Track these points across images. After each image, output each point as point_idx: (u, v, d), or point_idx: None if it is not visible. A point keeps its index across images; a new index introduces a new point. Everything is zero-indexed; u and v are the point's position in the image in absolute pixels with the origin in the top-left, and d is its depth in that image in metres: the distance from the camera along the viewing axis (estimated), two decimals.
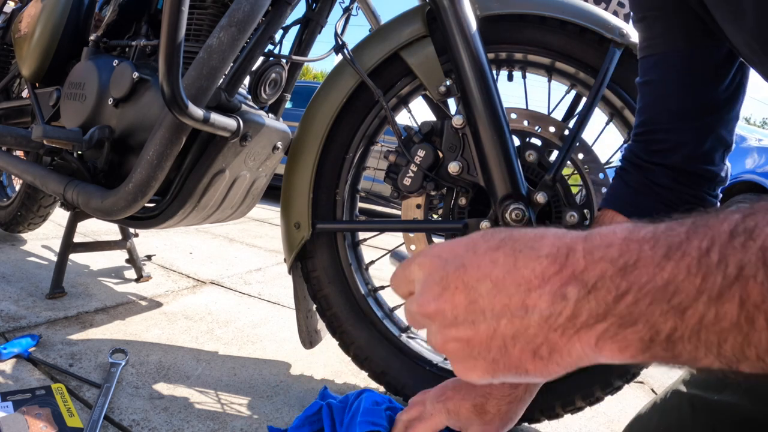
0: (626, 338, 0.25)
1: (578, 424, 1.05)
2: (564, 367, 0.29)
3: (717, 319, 0.22)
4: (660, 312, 0.23)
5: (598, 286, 0.25)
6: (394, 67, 0.94)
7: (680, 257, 0.23)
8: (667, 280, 0.23)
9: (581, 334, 0.26)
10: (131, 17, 1.17)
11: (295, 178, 0.97)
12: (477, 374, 0.31)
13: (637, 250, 0.25)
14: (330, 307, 0.98)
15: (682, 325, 0.23)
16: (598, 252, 0.26)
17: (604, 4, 0.96)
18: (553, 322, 0.27)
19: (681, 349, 0.24)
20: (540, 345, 0.28)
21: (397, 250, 0.93)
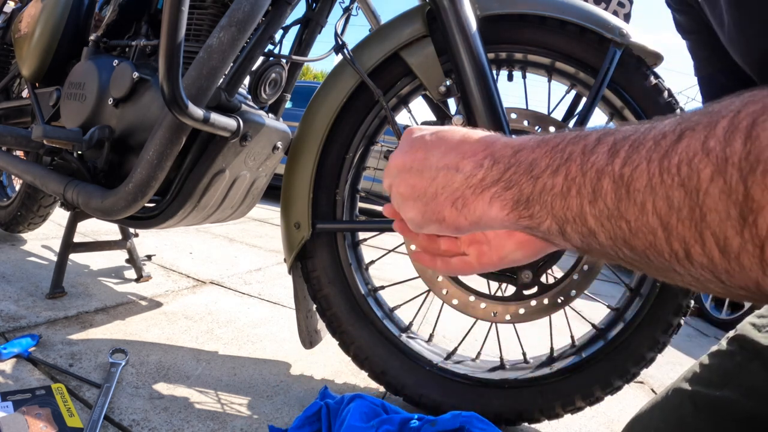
0: (505, 198, 0.34)
1: (578, 424, 1.05)
2: (468, 221, 0.37)
3: (552, 186, 0.31)
4: (525, 180, 0.33)
5: (499, 161, 0.36)
6: (394, 67, 0.94)
7: (544, 146, 0.33)
8: (533, 159, 0.33)
9: (483, 194, 0.36)
10: (131, 17, 1.17)
11: (295, 178, 0.97)
12: (413, 213, 0.41)
13: (527, 142, 0.35)
14: (330, 307, 0.98)
15: (534, 190, 0.32)
16: (508, 143, 0.37)
17: (604, 4, 0.96)
18: (470, 181, 0.37)
19: (533, 209, 0.33)
20: (458, 198, 0.38)
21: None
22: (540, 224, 0.33)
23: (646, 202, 0.26)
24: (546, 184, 0.32)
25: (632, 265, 0.30)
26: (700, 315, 2.77)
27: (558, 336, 1.01)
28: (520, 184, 0.33)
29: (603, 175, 0.28)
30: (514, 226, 0.35)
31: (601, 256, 0.31)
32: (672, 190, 0.24)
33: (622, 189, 0.27)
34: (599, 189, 0.28)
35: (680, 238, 0.25)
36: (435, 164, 0.39)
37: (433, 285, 0.95)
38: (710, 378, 0.57)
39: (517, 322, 0.94)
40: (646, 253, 0.27)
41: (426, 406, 0.95)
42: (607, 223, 0.28)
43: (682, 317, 0.91)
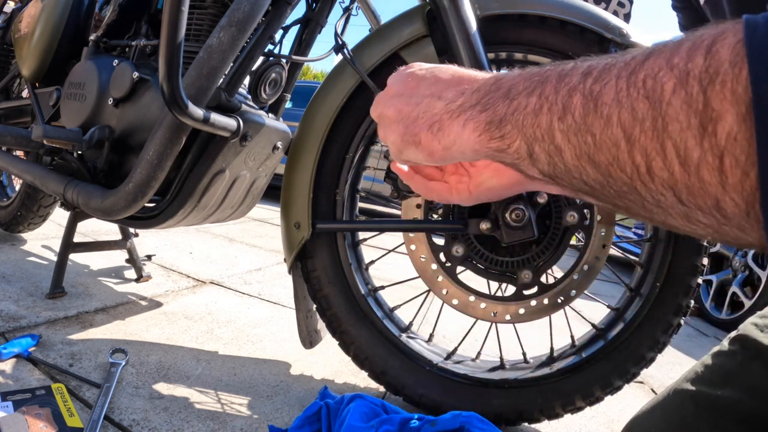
0: (479, 119, 0.36)
1: (578, 424, 1.05)
2: (442, 145, 0.39)
3: (526, 105, 0.32)
4: (501, 103, 0.35)
5: (480, 89, 0.37)
6: (394, 66, 0.92)
7: (525, 74, 0.35)
8: (511, 84, 0.35)
9: (459, 117, 0.37)
10: (131, 17, 1.17)
11: (295, 178, 0.97)
12: (394, 136, 0.43)
13: (509, 73, 0.37)
14: (330, 307, 0.98)
15: (508, 110, 0.34)
16: (494, 76, 0.38)
17: (604, 3, 0.96)
18: (450, 106, 0.39)
19: (504, 129, 0.34)
20: (435, 122, 0.39)
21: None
22: (510, 145, 0.34)
23: (612, 115, 0.27)
24: (520, 103, 0.33)
25: (593, 192, 0.31)
26: (700, 315, 2.77)
27: (558, 336, 1.01)
28: (495, 106, 0.35)
29: (574, 92, 0.29)
30: (485, 150, 0.36)
31: (565, 181, 0.32)
32: (637, 101, 0.26)
33: (591, 103, 0.28)
34: (569, 104, 0.29)
35: (642, 150, 0.26)
36: (422, 92, 0.42)
37: (433, 285, 0.95)
38: (711, 378, 0.57)
39: (517, 322, 0.94)
40: (608, 170, 0.28)
41: (426, 406, 0.95)
42: (573, 138, 0.29)
43: (682, 317, 0.91)
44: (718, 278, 2.75)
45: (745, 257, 2.61)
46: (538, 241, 0.91)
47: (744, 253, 2.64)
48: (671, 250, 0.91)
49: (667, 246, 0.91)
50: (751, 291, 2.52)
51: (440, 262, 0.94)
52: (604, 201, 0.31)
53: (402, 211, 0.96)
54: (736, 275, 2.64)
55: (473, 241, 0.92)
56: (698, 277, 0.90)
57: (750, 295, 2.49)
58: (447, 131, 0.38)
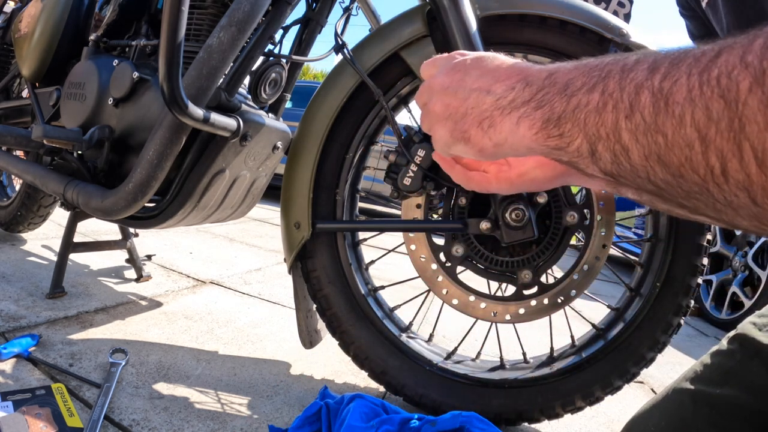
0: (535, 117, 0.34)
1: (578, 424, 1.05)
2: (493, 142, 0.38)
3: (587, 102, 0.31)
4: (558, 99, 0.33)
5: (532, 83, 0.36)
6: (394, 66, 0.94)
7: (582, 67, 0.33)
8: (568, 79, 0.33)
9: (512, 114, 0.36)
10: (131, 17, 1.17)
11: (295, 178, 0.97)
12: (443, 131, 0.42)
13: (562, 66, 0.35)
14: (330, 307, 0.98)
15: (567, 108, 0.32)
16: (544, 69, 0.36)
17: (604, 3, 0.96)
18: (500, 103, 0.37)
19: (564, 127, 0.32)
20: (485, 118, 0.38)
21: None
22: (570, 143, 0.32)
23: (685, 114, 0.26)
24: (581, 100, 0.31)
25: (659, 191, 0.29)
26: (700, 315, 2.77)
27: (558, 336, 1.01)
28: (552, 103, 0.33)
29: (642, 89, 0.28)
30: (541, 148, 0.35)
31: (628, 180, 0.31)
32: (711, 101, 0.24)
33: (661, 101, 0.27)
34: (637, 102, 0.28)
35: (718, 151, 0.24)
36: (470, 85, 0.40)
37: (433, 285, 0.95)
38: (711, 376, 0.57)
39: (517, 322, 0.94)
40: (680, 170, 0.27)
41: (426, 406, 0.95)
42: (642, 138, 0.28)
43: (682, 317, 0.91)
44: (718, 278, 2.75)
45: (745, 257, 2.61)
46: (538, 241, 0.91)
47: (744, 253, 2.64)
48: (671, 250, 0.91)
49: (667, 246, 0.91)
50: (751, 291, 2.52)
51: (440, 262, 0.94)
52: (669, 202, 0.30)
53: (402, 211, 0.96)
54: (736, 275, 2.64)
55: (473, 241, 0.92)
56: (698, 277, 0.90)
57: (750, 295, 2.49)
58: (499, 128, 0.37)
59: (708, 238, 0.90)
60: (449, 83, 0.42)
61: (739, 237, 2.72)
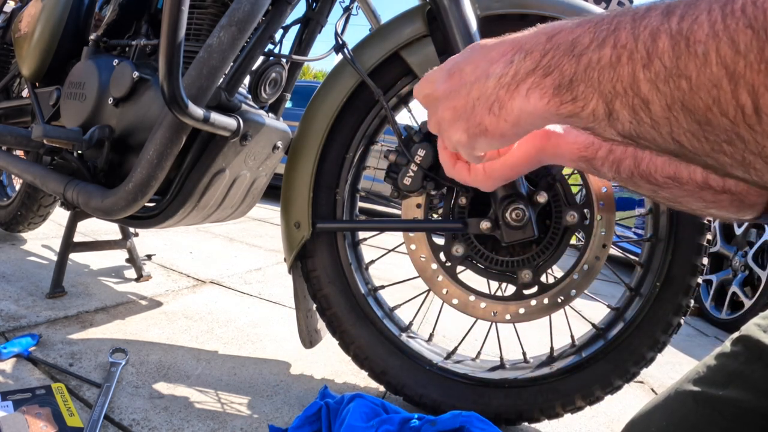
0: (545, 85, 0.32)
1: (578, 424, 1.05)
2: (510, 123, 0.35)
3: (599, 60, 0.29)
4: (566, 60, 0.31)
5: (532, 50, 0.33)
6: (394, 66, 0.94)
7: (586, 24, 0.31)
8: (573, 38, 0.31)
9: (519, 88, 0.34)
10: (131, 17, 1.17)
11: (295, 178, 0.97)
12: (459, 134, 0.40)
13: (563, 25, 0.33)
14: (330, 307, 0.98)
15: (578, 69, 0.30)
16: (540, 31, 0.34)
17: (604, 3, 0.96)
18: (502, 81, 0.35)
19: (577, 90, 0.30)
20: (493, 102, 0.36)
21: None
22: (585, 106, 0.30)
23: (709, 52, 0.24)
24: (591, 58, 0.29)
25: (682, 148, 0.28)
26: (700, 315, 2.77)
27: (558, 336, 1.01)
28: (560, 67, 0.31)
29: (658, 35, 0.26)
30: (555, 117, 0.33)
31: (648, 140, 0.29)
32: (737, 33, 0.23)
33: (681, 43, 0.25)
34: (655, 49, 0.26)
35: (748, 86, 0.23)
36: (468, 80, 0.39)
37: (433, 285, 0.95)
38: (713, 378, 0.57)
39: (517, 321, 0.94)
40: (707, 116, 0.25)
41: (426, 406, 0.95)
42: (663, 86, 0.26)
43: (682, 317, 0.91)
44: (718, 278, 2.75)
45: (745, 257, 2.61)
46: (538, 240, 0.91)
47: (744, 252, 2.64)
48: (671, 249, 0.91)
49: (667, 246, 0.91)
50: (751, 291, 2.52)
51: (440, 261, 0.94)
52: (694, 158, 0.28)
53: (402, 210, 0.96)
54: (736, 275, 2.64)
55: (473, 241, 0.92)
56: (698, 276, 0.90)
57: (750, 295, 2.49)
58: (509, 107, 0.35)
59: (708, 238, 0.90)
60: (450, 87, 0.41)
61: (739, 237, 2.72)
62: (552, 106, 0.32)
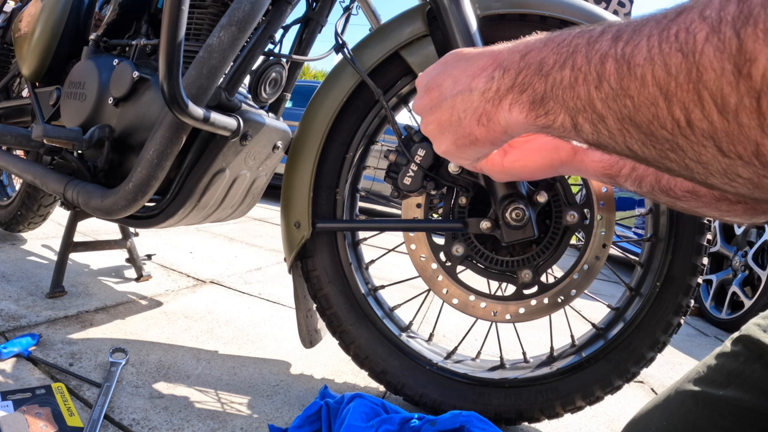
0: (522, 100, 0.36)
1: (578, 424, 1.05)
2: (499, 132, 0.39)
3: (561, 80, 0.32)
4: (537, 79, 0.34)
5: (509, 68, 0.37)
6: (394, 66, 0.94)
7: (551, 44, 0.34)
8: (541, 58, 0.34)
9: (502, 103, 0.37)
10: (131, 16, 1.17)
11: (295, 178, 0.97)
12: (446, 145, 0.43)
13: (533, 44, 0.36)
14: (330, 307, 0.98)
15: (546, 87, 0.33)
16: (513, 49, 0.38)
17: (604, 3, 0.96)
18: (486, 95, 0.38)
19: (548, 106, 0.34)
20: (481, 114, 0.39)
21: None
22: (555, 120, 0.34)
23: (646, 74, 0.27)
24: (555, 78, 0.33)
25: (637, 155, 0.31)
26: (700, 315, 2.77)
27: (558, 335, 1.01)
28: (533, 85, 0.35)
29: (606, 59, 0.29)
30: (534, 128, 0.36)
31: (609, 147, 0.32)
32: (670, 57, 0.25)
33: (624, 66, 0.28)
34: (603, 72, 0.29)
35: (680, 104, 0.25)
36: (450, 94, 0.41)
37: (433, 284, 0.95)
38: (714, 378, 0.57)
39: (518, 321, 0.94)
40: (650, 128, 0.28)
41: (426, 406, 0.95)
42: (613, 104, 0.29)
43: (682, 317, 0.91)
44: (718, 278, 2.75)
45: (745, 257, 2.61)
46: (538, 240, 0.91)
47: (744, 252, 2.64)
48: (671, 249, 0.91)
49: (667, 245, 0.91)
50: (751, 291, 2.52)
51: (440, 261, 0.94)
52: (650, 163, 0.31)
53: (402, 210, 0.96)
54: (736, 275, 2.64)
55: (473, 241, 0.92)
56: (698, 276, 0.90)
57: (750, 295, 2.49)
58: (496, 119, 0.38)
59: (708, 238, 0.90)
60: (429, 101, 0.43)
61: (739, 237, 2.72)
62: (530, 119, 0.35)
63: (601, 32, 0.31)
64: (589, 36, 0.31)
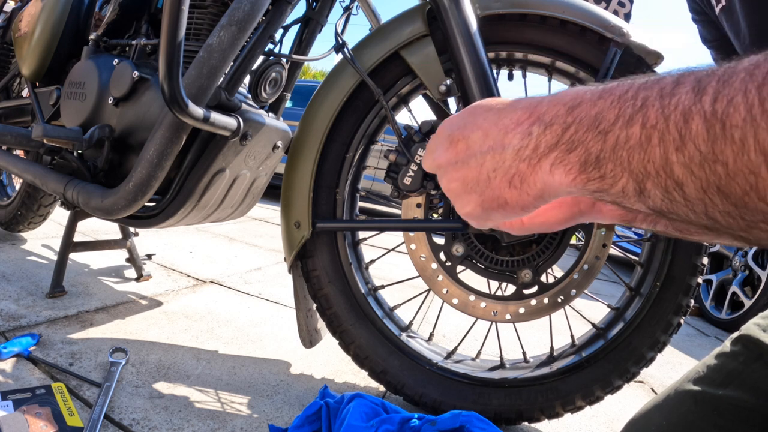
0: (570, 161, 0.31)
1: (578, 424, 1.05)
2: (532, 196, 0.34)
3: (627, 139, 0.28)
4: (591, 137, 0.29)
5: (552, 122, 0.32)
6: (394, 66, 0.94)
7: (608, 96, 0.30)
8: (596, 113, 0.30)
9: (541, 163, 0.32)
10: (131, 16, 1.17)
11: (295, 177, 0.97)
12: (471, 206, 0.38)
13: (582, 95, 0.31)
14: (330, 306, 0.98)
15: (605, 147, 0.29)
16: (556, 100, 0.33)
17: (604, 3, 0.96)
18: (522, 154, 0.33)
19: (605, 168, 0.29)
20: (513, 175, 0.34)
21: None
22: (613, 185, 0.29)
23: (747, 137, 0.23)
24: (619, 137, 0.28)
25: (716, 225, 0.27)
26: (700, 314, 2.77)
27: (558, 335, 1.01)
28: (585, 143, 0.30)
29: (691, 116, 0.25)
30: (581, 192, 0.31)
31: (680, 216, 0.28)
32: None
33: (717, 126, 0.24)
34: (687, 132, 0.25)
35: None
36: (479, 149, 0.37)
37: (433, 284, 0.95)
38: (713, 378, 0.57)
39: (518, 321, 0.94)
40: (743, 200, 0.24)
41: (426, 406, 0.95)
42: (698, 170, 0.25)
43: (682, 317, 0.91)
44: (718, 278, 2.75)
45: (745, 257, 2.61)
46: (538, 240, 0.91)
47: (744, 252, 2.64)
48: (671, 249, 0.91)
49: (667, 246, 0.91)
50: (751, 291, 2.52)
51: (440, 261, 0.94)
52: (727, 234, 0.27)
53: (402, 210, 0.96)
54: (736, 275, 2.64)
55: (473, 241, 0.92)
56: (698, 276, 0.90)
57: (750, 295, 2.49)
58: (532, 181, 0.33)
59: None
60: (455, 156, 0.39)
61: None
62: (579, 182, 0.31)
63: (675, 83, 0.27)
64: (661, 88, 0.27)
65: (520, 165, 0.34)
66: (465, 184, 0.38)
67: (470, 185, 0.37)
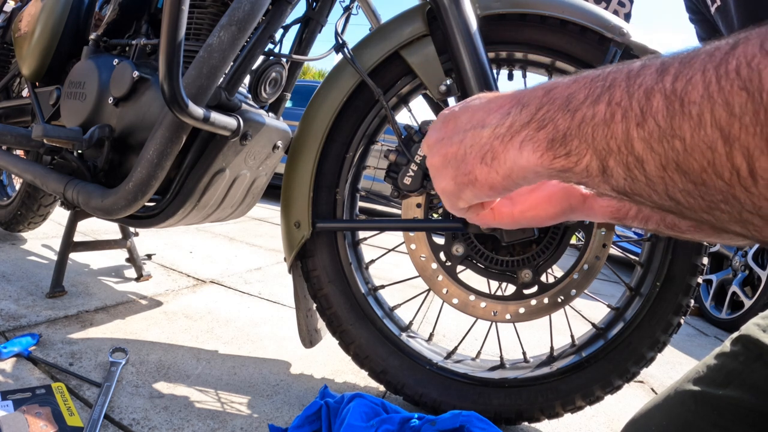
0: (538, 138, 0.32)
1: (578, 424, 1.05)
2: (501, 175, 0.35)
3: (593, 116, 0.29)
4: (561, 115, 0.31)
5: (529, 103, 0.34)
6: (394, 66, 0.94)
7: (582, 80, 0.31)
8: (569, 93, 0.31)
9: (513, 140, 0.34)
10: (131, 16, 1.17)
11: (295, 177, 0.97)
12: (445, 182, 0.40)
13: (560, 81, 0.33)
14: (330, 306, 0.98)
15: (572, 123, 0.30)
16: (538, 86, 0.34)
17: (604, 3, 0.96)
18: (497, 131, 0.35)
19: (570, 145, 0.30)
20: (486, 152, 0.36)
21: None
22: (578, 162, 0.30)
23: (704, 113, 0.23)
24: (585, 114, 0.29)
25: (678, 206, 0.27)
26: (700, 314, 2.77)
27: (558, 335, 1.01)
28: (554, 121, 0.31)
29: (653, 94, 0.26)
30: (548, 172, 0.32)
31: (643, 197, 0.29)
32: (732, 95, 0.22)
33: (676, 103, 0.25)
34: (648, 108, 0.26)
35: (743, 149, 0.22)
36: (463, 127, 0.38)
37: (433, 284, 0.95)
38: (713, 378, 0.57)
39: (518, 321, 0.94)
40: (701, 177, 0.24)
41: (426, 405, 0.95)
42: (657, 146, 0.26)
43: (682, 316, 0.91)
44: (718, 278, 2.75)
45: (745, 257, 2.61)
46: (538, 240, 0.91)
47: (744, 252, 2.64)
48: (671, 249, 0.91)
49: (667, 246, 0.91)
50: (751, 291, 2.52)
51: (440, 261, 0.94)
52: (690, 215, 0.28)
53: (402, 210, 0.96)
54: (736, 275, 2.64)
55: (473, 241, 0.92)
56: (698, 276, 0.90)
57: (750, 295, 2.49)
58: (502, 158, 0.34)
59: None
60: (443, 134, 0.40)
61: None
62: (545, 160, 0.32)
63: (642, 66, 0.28)
64: (629, 70, 0.28)
65: (494, 142, 0.35)
66: (445, 158, 0.39)
67: (448, 160, 0.39)
